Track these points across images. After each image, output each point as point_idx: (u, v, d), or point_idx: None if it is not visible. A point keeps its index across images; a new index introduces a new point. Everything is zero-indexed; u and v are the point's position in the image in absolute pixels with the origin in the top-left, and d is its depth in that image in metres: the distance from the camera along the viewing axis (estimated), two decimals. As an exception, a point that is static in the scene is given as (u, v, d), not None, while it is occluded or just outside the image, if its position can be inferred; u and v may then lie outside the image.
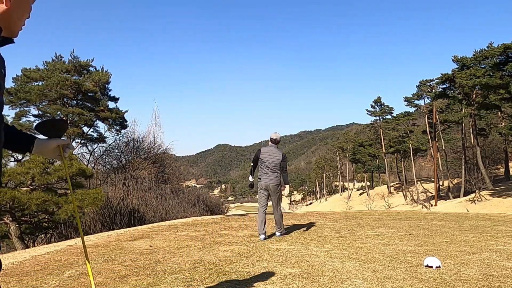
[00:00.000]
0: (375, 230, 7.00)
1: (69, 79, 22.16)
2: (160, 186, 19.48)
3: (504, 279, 3.39)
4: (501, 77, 27.23)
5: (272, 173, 6.13)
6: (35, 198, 8.64)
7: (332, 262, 4.21)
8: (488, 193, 29.55)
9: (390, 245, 5.29)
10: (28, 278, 3.84)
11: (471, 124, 37.57)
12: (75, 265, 4.41)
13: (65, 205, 9.34)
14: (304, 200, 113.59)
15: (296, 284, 3.34)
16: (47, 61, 23.65)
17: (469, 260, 4.22)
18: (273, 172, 6.13)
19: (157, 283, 3.50)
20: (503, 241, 5.50)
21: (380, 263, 4.10)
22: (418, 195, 47.00)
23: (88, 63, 24.45)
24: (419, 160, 71.88)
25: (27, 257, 5.10)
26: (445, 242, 5.49)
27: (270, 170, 6.13)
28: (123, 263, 4.43)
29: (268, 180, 6.14)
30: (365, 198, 62.25)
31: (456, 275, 3.57)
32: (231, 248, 5.29)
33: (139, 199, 14.36)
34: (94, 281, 3.60)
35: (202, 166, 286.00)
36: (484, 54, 32.35)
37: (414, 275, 3.59)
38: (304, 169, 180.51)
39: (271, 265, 4.12)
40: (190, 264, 4.27)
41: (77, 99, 23.85)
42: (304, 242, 5.72)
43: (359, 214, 11.23)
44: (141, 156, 22.37)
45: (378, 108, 59.40)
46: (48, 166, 9.69)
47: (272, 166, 6.11)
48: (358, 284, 3.32)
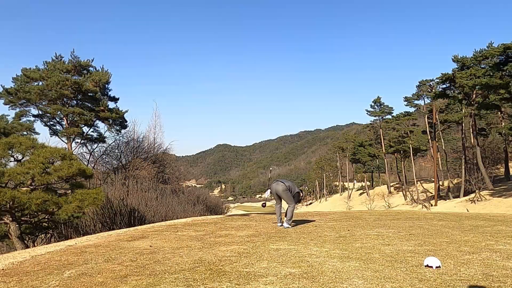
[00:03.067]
0: (375, 230, 7.00)
1: (69, 79, 22.15)
2: (160, 186, 19.48)
3: (504, 279, 3.39)
4: (501, 77, 27.22)
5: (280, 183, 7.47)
6: (35, 198, 8.63)
7: (332, 262, 4.20)
8: (488, 193, 29.55)
9: (390, 245, 5.29)
10: (28, 278, 3.84)
11: (471, 124, 37.56)
12: (75, 265, 4.40)
13: (65, 205, 9.33)
14: (304, 200, 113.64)
15: (296, 284, 3.34)
16: (47, 61, 23.66)
17: (469, 260, 4.22)
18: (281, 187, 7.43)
19: (157, 283, 3.50)
20: (503, 241, 5.50)
21: (380, 263, 4.10)
22: (418, 195, 47.00)
23: (88, 63, 24.47)
24: (419, 160, 71.97)
25: (27, 257, 5.10)
26: (445, 242, 5.49)
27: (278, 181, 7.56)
28: (123, 263, 4.43)
29: (276, 187, 7.38)
30: (365, 198, 62.25)
31: (456, 275, 3.57)
32: (231, 248, 5.29)
33: (139, 199, 14.36)
34: (94, 281, 3.60)
35: (202, 166, 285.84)
36: (484, 54, 32.35)
37: (414, 275, 3.59)
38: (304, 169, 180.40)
39: (271, 265, 4.12)
40: (190, 264, 4.27)
41: (77, 99, 23.85)
42: (304, 242, 5.72)
43: (359, 214, 11.23)
44: (141, 156, 22.37)
45: (378, 108, 59.42)
46: (48, 166, 9.68)
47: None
48: (358, 284, 3.32)
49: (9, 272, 4.19)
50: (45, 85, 21.95)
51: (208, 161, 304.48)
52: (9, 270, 4.31)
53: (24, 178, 9.20)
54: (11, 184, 9.31)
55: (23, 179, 9.22)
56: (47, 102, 22.90)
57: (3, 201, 8.45)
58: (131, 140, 23.41)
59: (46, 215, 10.33)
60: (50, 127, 24.72)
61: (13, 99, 22.14)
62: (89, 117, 23.61)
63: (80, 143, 24.65)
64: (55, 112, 22.74)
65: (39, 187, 9.43)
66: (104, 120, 24.50)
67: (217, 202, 27.48)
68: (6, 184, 9.12)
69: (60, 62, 23.57)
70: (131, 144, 23.08)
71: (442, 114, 42.19)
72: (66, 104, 23.21)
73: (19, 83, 22.69)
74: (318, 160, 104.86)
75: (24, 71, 22.74)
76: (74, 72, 23.81)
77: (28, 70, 22.73)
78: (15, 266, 4.51)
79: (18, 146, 9.52)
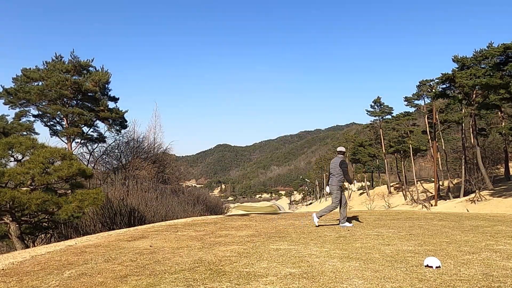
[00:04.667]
0: (375, 230, 7.00)
1: (69, 79, 22.12)
2: (160, 186, 19.46)
3: (504, 279, 3.38)
4: (501, 77, 27.19)
5: (331, 177, 7.74)
6: (35, 198, 8.62)
7: (332, 262, 4.20)
8: (488, 193, 29.54)
9: (390, 245, 5.29)
10: (28, 278, 3.84)
11: (471, 124, 37.55)
12: (75, 265, 4.40)
13: (65, 205, 9.32)
14: (304, 200, 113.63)
15: (296, 284, 3.34)
16: (47, 61, 23.62)
17: (469, 260, 4.22)
18: (331, 176, 7.72)
19: (157, 283, 3.49)
20: (503, 241, 5.50)
21: (380, 263, 4.10)
22: (418, 195, 46.98)
23: (88, 63, 24.43)
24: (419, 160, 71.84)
25: (27, 257, 5.10)
26: (445, 242, 5.49)
27: (330, 175, 7.80)
28: (123, 263, 4.43)
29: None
30: (365, 198, 62.25)
31: (456, 275, 3.57)
32: (231, 248, 5.29)
33: (139, 199, 14.35)
34: (94, 281, 3.60)
35: (202, 166, 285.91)
36: (484, 54, 32.34)
37: (414, 275, 3.59)
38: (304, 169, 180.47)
39: (271, 265, 4.12)
40: (190, 264, 4.26)
41: (77, 99, 23.81)
42: (304, 242, 5.72)
43: (359, 214, 11.23)
44: (141, 156, 22.34)
45: (378, 108, 59.38)
46: (48, 166, 9.67)
47: (331, 171, 7.79)
48: (358, 284, 3.32)
49: (9, 272, 4.19)
50: (45, 85, 21.92)
51: (208, 161, 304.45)
52: (9, 270, 4.31)
53: (24, 178, 9.19)
54: (11, 184, 9.30)
55: (23, 179, 9.21)
56: (47, 102, 22.87)
57: (3, 201, 8.45)
58: (131, 140, 23.39)
59: (46, 215, 10.33)
60: (50, 127, 24.71)
61: (13, 99, 22.11)
62: (89, 117, 23.59)
63: (80, 143, 24.64)
64: (55, 112, 22.71)
65: (39, 187, 9.42)
66: (104, 120, 24.47)
67: (217, 202, 27.43)
68: (6, 184, 9.11)
69: (60, 62, 23.53)
70: (131, 144, 23.05)
71: (442, 114, 42.15)
72: (66, 104, 23.19)
73: (19, 83, 22.66)
74: (318, 160, 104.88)
75: (24, 71, 22.71)
76: (74, 72, 23.77)
77: (28, 70, 22.71)
78: (15, 266, 4.51)
79: (18, 146, 9.51)
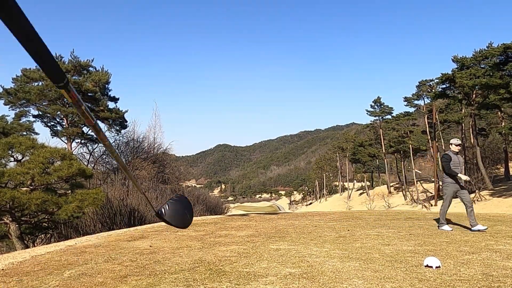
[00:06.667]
0: (375, 230, 7.00)
1: (69, 79, 22.11)
2: (160, 186, 19.46)
3: (504, 279, 3.38)
4: (501, 77, 27.20)
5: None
6: (35, 198, 8.63)
7: (332, 262, 4.20)
8: (488, 193, 29.53)
9: (390, 245, 5.29)
10: (28, 278, 3.84)
11: (471, 124, 37.54)
12: (75, 265, 4.40)
13: (65, 205, 9.33)
14: (304, 200, 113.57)
15: (296, 284, 3.34)
16: (47, 61, 23.62)
17: (469, 260, 4.22)
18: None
19: (157, 283, 3.49)
20: (503, 241, 5.50)
21: (380, 263, 4.10)
22: (418, 195, 46.98)
23: (88, 63, 24.44)
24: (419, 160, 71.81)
25: (27, 257, 5.09)
26: (445, 242, 5.49)
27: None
28: (123, 263, 4.43)
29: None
30: (365, 198, 62.23)
31: (456, 275, 3.57)
32: (231, 248, 5.29)
33: (139, 199, 14.34)
34: (94, 281, 3.60)
35: (202, 166, 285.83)
36: (484, 54, 32.33)
37: (414, 275, 3.59)
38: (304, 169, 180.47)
39: (271, 265, 4.12)
40: (190, 264, 4.26)
41: (77, 99, 23.82)
42: (304, 242, 5.72)
43: (359, 214, 11.23)
44: (141, 156, 22.35)
45: (378, 108, 59.39)
46: (48, 166, 9.67)
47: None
48: (358, 284, 3.32)
49: (9, 272, 4.19)
50: (45, 85, 21.93)
51: (208, 161, 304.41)
52: (9, 270, 4.30)
53: (24, 178, 9.19)
54: (11, 184, 9.31)
55: (23, 179, 9.21)
56: (47, 102, 22.89)
57: (3, 201, 8.45)
58: (131, 140, 23.41)
59: (46, 215, 10.33)
60: (50, 127, 24.75)
61: (13, 100, 22.13)
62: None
63: (80, 143, 24.65)
64: (55, 112, 22.73)
65: (39, 187, 9.43)
66: (104, 120, 24.48)
67: (217, 202, 27.44)
68: (6, 184, 9.11)
69: (60, 62, 23.54)
70: (131, 144, 23.08)
71: (442, 114, 42.14)
72: (66, 104, 23.20)
73: (19, 84, 22.68)
74: (318, 160, 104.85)
75: (24, 71, 22.72)
76: (74, 72, 23.80)
77: (28, 71, 22.71)
78: (15, 266, 4.51)
79: (18, 146, 9.52)
